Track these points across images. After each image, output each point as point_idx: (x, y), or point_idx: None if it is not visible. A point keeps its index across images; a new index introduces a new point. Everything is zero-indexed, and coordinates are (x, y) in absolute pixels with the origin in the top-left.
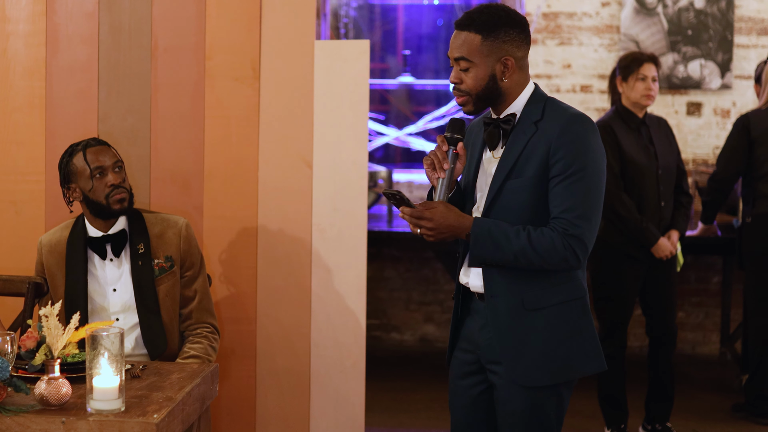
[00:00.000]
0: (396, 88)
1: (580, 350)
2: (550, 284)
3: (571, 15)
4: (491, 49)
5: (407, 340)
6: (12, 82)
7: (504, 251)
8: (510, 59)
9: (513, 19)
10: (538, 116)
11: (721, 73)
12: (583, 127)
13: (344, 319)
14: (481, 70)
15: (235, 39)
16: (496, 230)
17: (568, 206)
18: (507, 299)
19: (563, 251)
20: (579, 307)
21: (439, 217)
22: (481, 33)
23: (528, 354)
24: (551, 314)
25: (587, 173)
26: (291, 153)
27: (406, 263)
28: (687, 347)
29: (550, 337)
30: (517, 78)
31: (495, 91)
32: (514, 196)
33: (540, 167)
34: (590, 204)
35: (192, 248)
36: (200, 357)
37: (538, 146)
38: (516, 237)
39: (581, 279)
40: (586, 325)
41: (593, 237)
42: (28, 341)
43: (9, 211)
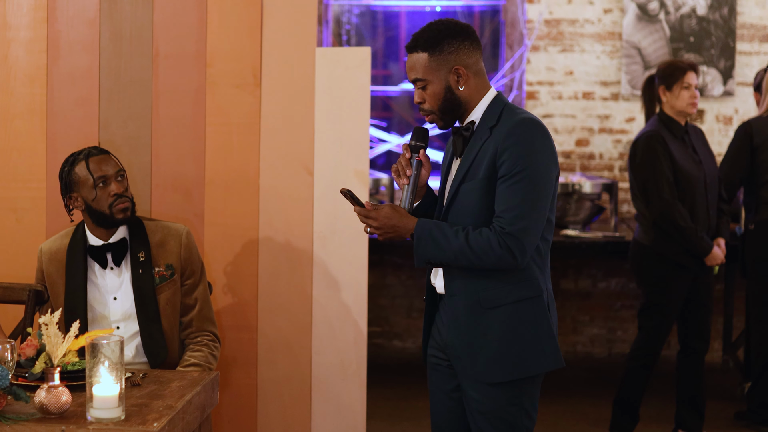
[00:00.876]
0: (398, 95)
1: (536, 347)
2: (506, 283)
3: (573, 22)
4: (439, 62)
5: (409, 348)
6: (13, 89)
7: (444, 251)
8: (460, 68)
9: (453, 29)
10: (494, 122)
11: (723, 80)
12: (528, 129)
13: (345, 327)
14: (436, 85)
15: (236, 46)
16: (437, 231)
17: (508, 206)
18: (465, 298)
19: (498, 250)
20: (535, 305)
21: (383, 218)
22: (427, 50)
23: (485, 351)
24: (507, 312)
25: (529, 174)
26: (292, 160)
27: (407, 271)
28: None
29: (506, 334)
30: (474, 84)
31: (455, 102)
32: (467, 198)
33: (489, 169)
34: (530, 204)
35: (193, 256)
36: (201, 365)
37: (488, 149)
38: (455, 237)
39: (538, 278)
40: (543, 323)
41: (532, 236)
42: (27, 349)
43: (9, 218)
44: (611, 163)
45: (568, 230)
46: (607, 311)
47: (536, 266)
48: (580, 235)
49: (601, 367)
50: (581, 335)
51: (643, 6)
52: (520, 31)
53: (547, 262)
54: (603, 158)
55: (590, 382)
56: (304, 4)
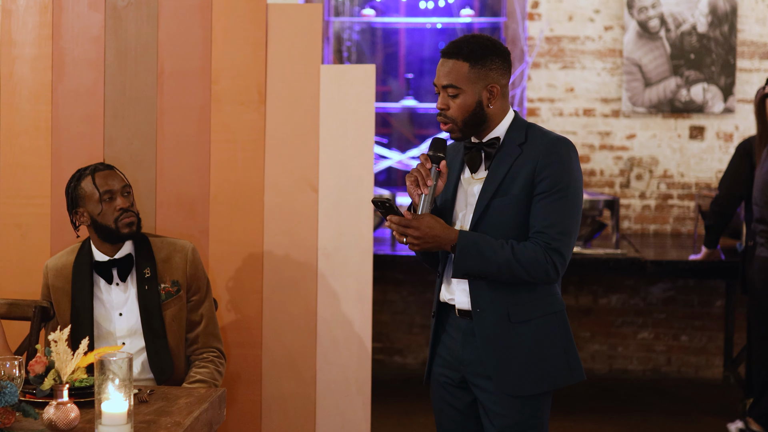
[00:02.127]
0: (399, 111)
1: (562, 361)
2: (534, 298)
3: (574, 39)
4: (478, 76)
5: (410, 364)
6: (18, 105)
7: (489, 262)
8: (496, 86)
9: (498, 48)
10: (522, 139)
11: (723, 97)
12: (567, 149)
13: (350, 343)
14: (469, 97)
15: (241, 63)
16: (482, 242)
17: (551, 222)
18: (493, 313)
19: (545, 264)
20: (560, 319)
21: (426, 227)
22: (469, 61)
23: (515, 364)
24: (535, 326)
25: (569, 193)
26: (297, 177)
27: (408, 287)
28: (690, 371)
29: (535, 348)
30: (501, 105)
31: (481, 117)
32: (500, 213)
33: (526, 185)
34: (570, 221)
35: (198, 272)
36: (206, 381)
37: (523, 166)
38: (501, 249)
39: (559, 293)
40: (567, 337)
41: (570, 252)
42: (36, 366)
43: (14, 234)
44: (612, 180)
45: None
46: (608, 327)
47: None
48: (581, 252)
49: (601, 384)
50: (582, 351)
51: (644, 23)
52: (521, 48)
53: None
54: (604, 175)
55: (591, 398)
56: (309, 22)
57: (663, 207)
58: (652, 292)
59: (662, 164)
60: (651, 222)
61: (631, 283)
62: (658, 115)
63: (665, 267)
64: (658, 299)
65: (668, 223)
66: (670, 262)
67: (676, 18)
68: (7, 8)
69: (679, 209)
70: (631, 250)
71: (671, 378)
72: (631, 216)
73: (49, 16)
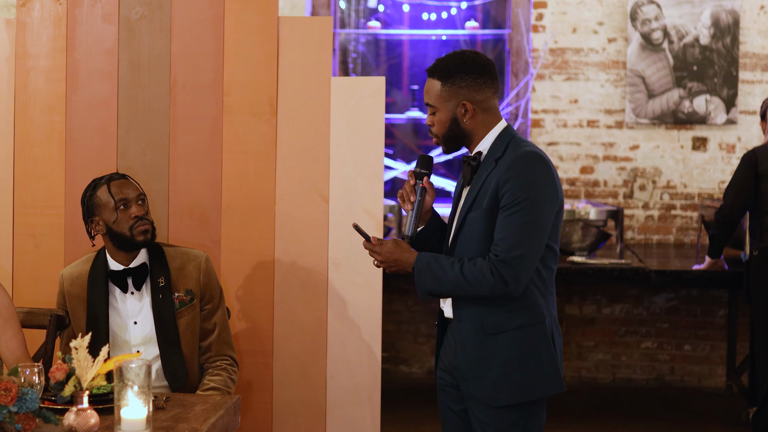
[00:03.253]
0: (403, 122)
1: (538, 372)
2: (509, 310)
3: (578, 51)
4: (450, 94)
5: (415, 373)
6: (32, 117)
7: (442, 282)
8: (468, 103)
9: (469, 65)
10: (500, 154)
11: (726, 108)
12: (529, 162)
13: (359, 352)
14: (443, 114)
15: (252, 75)
16: (434, 263)
17: (505, 235)
18: (471, 323)
19: (491, 278)
20: (537, 331)
21: (386, 252)
22: (441, 80)
23: (489, 375)
24: (510, 338)
25: (528, 205)
26: (308, 187)
27: (414, 296)
28: (693, 380)
29: (510, 359)
30: (482, 119)
31: (459, 133)
32: (472, 228)
33: (492, 199)
34: (526, 233)
35: (212, 281)
36: (220, 389)
37: (492, 180)
38: (450, 268)
39: (541, 305)
40: (545, 349)
41: (527, 264)
42: (57, 373)
43: (29, 244)
44: (615, 191)
45: (574, 257)
46: (611, 337)
47: (539, 293)
48: (586, 262)
49: (605, 393)
50: (586, 361)
51: (647, 35)
52: (525, 60)
53: (551, 290)
54: (607, 185)
55: (595, 407)
56: (320, 35)
57: (666, 217)
58: (656, 302)
59: (665, 175)
60: (654, 232)
61: (634, 293)
62: (662, 126)
63: (669, 277)
64: (661, 309)
65: (671, 233)
66: (674, 271)
67: (678, 30)
68: (21, 21)
69: (682, 220)
70: (635, 260)
71: (674, 387)
72: (635, 226)
73: (63, 28)
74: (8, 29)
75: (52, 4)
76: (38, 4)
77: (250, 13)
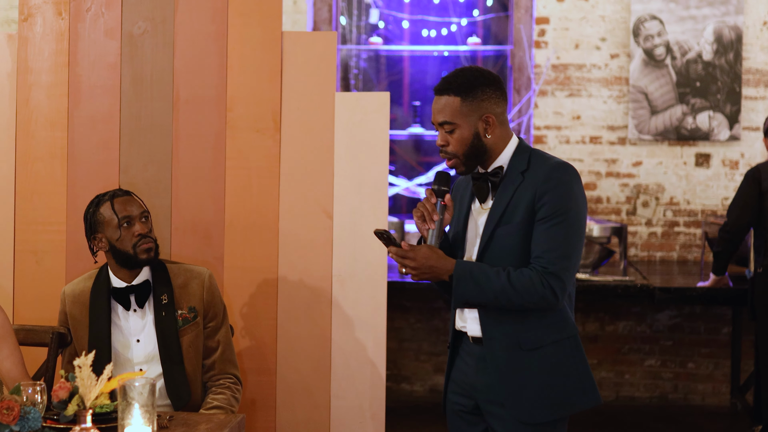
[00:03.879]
0: (405, 138)
1: (576, 386)
2: (544, 325)
3: (581, 67)
4: (471, 108)
5: (417, 391)
6: (34, 132)
7: (485, 291)
8: (491, 116)
9: (487, 78)
10: (524, 167)
11: (729, 124)
12: (567, 174)
13: (363, 370)
14: (465, 130)
15: (256, 90)
16: (477, 271)
17: (549, 247)
18: (504, 341)
19: (541, 289)
20: (572, 344)
21: (422, 258)
22: (460, 95)
23: (528, 392)
24: (547, 353)
25: (569, 217)
26: (311, 203)
27: (416, 314)
28: (697, 398)
29: (548, 374)
30: (500, 133)
31: (480, 149)
32: (504, 242)
33: (527, 213)
34: (570, 245)
35: (215, 299)
36: (223, 408)
37: (525, 194)
38: (496, 277)
39: (571, 317)
40: (580, 361)
41: (571, 276)
42: (60, 391)
43: (30, 261)
44: (618, 207)
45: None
46: (615, 355)
47: (568, 307)
48: (589, 279)
49: (609, 411)
50: None
51: (650, 51)
52: (527, 76)
53: (573, 305)
54: (610, 202)
55: (598, 425)
56: (324, 50)
57: (669, 234)
58: (659, 320)
59: (668, 191)
60: (657, 249)
61: (637, 311)
62: (665, 142)
63: (673, 294)
64: (664, 326)
65: (675, 250)
66: (678, 288)
67: (681, 46)
68: (23, 36)
69: (685, 236)
70: (638, 277)
71: (678, 405)
72: (638, 243)
73: (65, 43)
74: (10, 44)
75: (55, 18)
76: (40, 18)
77: (253, 27)
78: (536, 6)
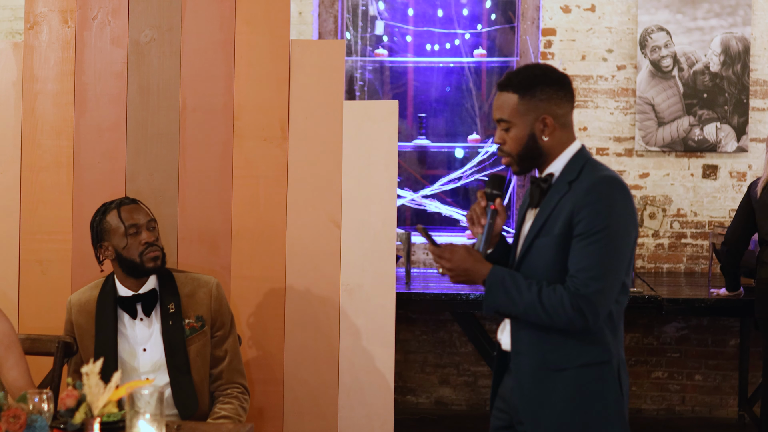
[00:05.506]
0: (410, 150)
1: (599, 416)
2: (575, 345)
3: (587, 78)
4: (528, 107)
5: (423, 403)
6: (40, 141)
7: (515, 302)
8: (548, 117)
9: (550, 77)
10: (574, 176)
11: (737, 136)
12: (609, 188)
13: (372, 380)
14: (521, 130)
15: (263, 99)
16: (510, 281)
17: (584, 266)
18: (530, 356)
19: (570, 311)
20: (604, 370)
21: (458, 260)
22: (518, 92)
23: (548, 417)
24: (573, 376)
25: (607, 235)
26: (320, 213)
27: (421, 325)
28: (704, 410)
29: (572, 399)
30: (559, 136)
31: (536, 150)
32: (541, 254)
33: (565, 226)
34: (605, 266)
35: (223, 308)
36: (231, 418)
37: (566, 205)
38: (527, 290)
39: (609, 342)
40: (611, 392)
41: (606, 299)
42: (68, 399)
43: (35, 270)
44: None
45: None
46: None
47: (608, 329)
48: None
49: None
50: None
51: (657, 62)
52: None
53: (620, 326)
54: None
55: None
56: (332, 58)
57: (676, 246)
58: (666, 331)
59: (675, 203)
60: (664, 261)
61: (644, 322)
62: (672, 153)
63: (681, 305)
64: (671, 338)
65: (682, 262)
66: (686, 300)
67: (688, 57)
68: (29, 44)
69: (692, 248)
70: (646, 289)
71: (685, 418)
72: (645, 255)
73: (71, 52)
74: (16, 52)
75: (61, 26)
76: (46, 26)
77: (261, 36)
78: (543, 18)
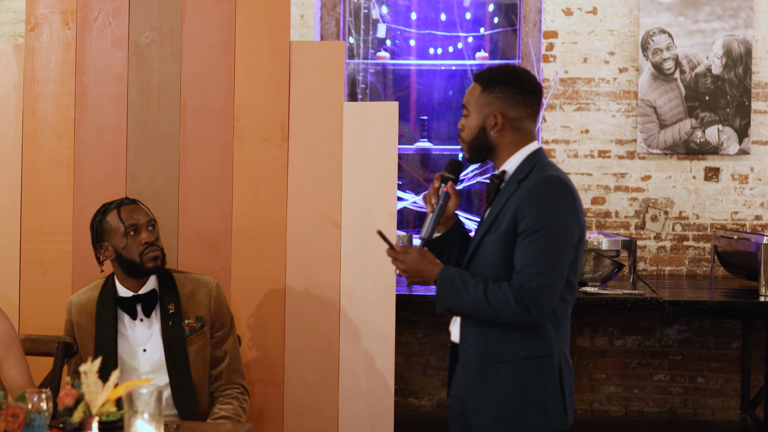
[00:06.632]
0: (412, 152)
1: (539, 408)
2: (518, 338)
3: (589, 81)
4: (486, 102)
5: (425, 406)
6: (40, 142)
7: (463, 301)
8: (499, 116)
9: (513, 79)
10: (523, 176)
11: (738, 138)
12: (552, 187)
13: (372, 381)
14: (475, 121)
15: (264, 100)
16: (458, 280)
17: (528, 262)
18: (476, 348)
19: (514, 306)
20: (543, 364)
21: (410, 262)
22: (482, 86)
23: (489, 404)
24: (515, 368)
25: (548, 233)
26: (320, 214)
27: (423, 328)
28: (707, 413)
29: (511, 390)
30: (511, 137)
31: (485, 144)
32: (489, 250)
33: (510, 223)
34: (548, 262)
35: (222, 309)
36: (231, 418)
37: (513, 203)
38: (474, 288)
39: (551, 338)
40: (550, 382)
41: (550, 294)
42: (66, 398)
43: (36, 271)
44: (627, 221)
45: (587, 287)
46: (623, 369)
47: (551, 325)
48: (598, 292)
49: (617, 426)
50: (597, 393)
51: (659, 65)
52: None
53: (564, 324)
54: (619, 216)
55: None
56: (332, 59)
57: (678, 248)
58: (668, 334)
59: (677, 206)
60: (666, 263)
61: (646, 325)
62: (673, 156)
63: (683, 307)
64: (673, 341)
65: (684, 264)
66: (689, 302)
67: (690, 60)
68: (30, 46)
69: (694, 251)
70: (648, 291)
71: (688, 420)
72: (647, 257)
73: (72, 53)
74: (17, 54)
75: (62, 28)
76: (47, 28)
77: (261, 37)
78: (544, 20)
